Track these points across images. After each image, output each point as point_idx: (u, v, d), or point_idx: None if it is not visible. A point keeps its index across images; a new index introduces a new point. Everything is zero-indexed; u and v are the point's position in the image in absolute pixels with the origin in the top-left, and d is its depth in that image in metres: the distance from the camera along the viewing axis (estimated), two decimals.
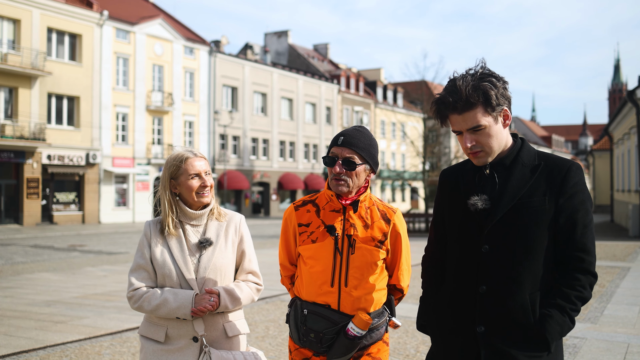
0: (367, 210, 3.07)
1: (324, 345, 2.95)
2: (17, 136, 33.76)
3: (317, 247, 3.02)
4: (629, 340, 7.43)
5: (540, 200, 2.51)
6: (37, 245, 23.08)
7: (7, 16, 34.14)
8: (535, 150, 2.64)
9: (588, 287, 2.50)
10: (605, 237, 25.51)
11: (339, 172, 2.96)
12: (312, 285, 3.02)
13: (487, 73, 2.56)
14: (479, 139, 2.55)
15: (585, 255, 2.49)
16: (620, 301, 10.17)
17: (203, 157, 3.29)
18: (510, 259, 2.51)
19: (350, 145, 2.98)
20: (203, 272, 3.15)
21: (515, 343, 2.46)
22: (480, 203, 2.54)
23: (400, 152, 74.68)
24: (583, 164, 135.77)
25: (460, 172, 2.74)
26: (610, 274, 13.58)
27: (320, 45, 73.08)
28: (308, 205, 3.14)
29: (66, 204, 37.80)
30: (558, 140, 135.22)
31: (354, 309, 2.97)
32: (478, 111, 2.52)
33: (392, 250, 3.10)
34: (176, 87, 44.50)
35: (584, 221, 2.51)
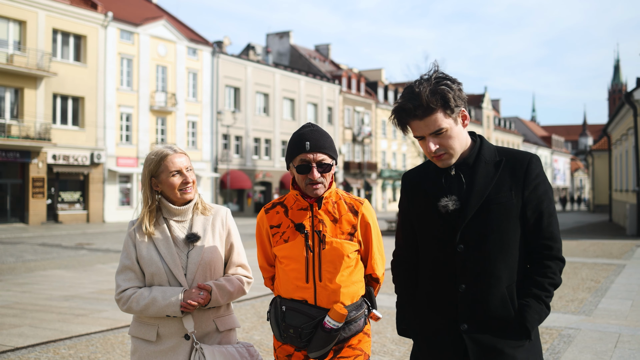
0: (335, 204, 3.11)
1: (304, 340, 3.00)
2: (23, 136, 34.21)
3: (289, 246, 3.07)
4: (620, 330, 7.87)
5: (507, 194, 2.58)
6: (45, 244, 23.51)
7: (13, 17, 34.59)
8: (494, 146, 2.73)
9: (558, 273, 2.61)
10: (603, 236, 25.93)
11: (317, 177, 2.99)
12: (288, 282, 3.09)
13: (442, 76, 2.61)
14: (442, 141, 2.60)
15: (552, 243, 2.60)
16: (614, 296, 10.61)
17: (183, 153, 3.26)
18: (486, 256, 2.57)
19: (319, 148, 3.01)
20: (192, 267, 3.14)
21: (498, 335, 2.54)
22: (451, 204, 2.59)
23: (400, 152, 75.09)
24: (582, 164, 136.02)
25: (424, 175, 2.79)
26: (606, 270, 14.02)
27: (322, 45, 73.53)
28: (277, 207, 3.19)
29: (71, 203, 38.24)
30: (558, 140, 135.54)
31: (330, 302, 3.02)
32: (439, 115, 2.56)
33: (364, 241, 3.14)
34: (179, 87, 44.94)
35: (549, 210, 2.61)
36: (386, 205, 72.01)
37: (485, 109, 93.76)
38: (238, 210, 51.12)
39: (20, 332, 7.93)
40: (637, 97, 26.08)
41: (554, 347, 7.03)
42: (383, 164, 71.59)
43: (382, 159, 71.41)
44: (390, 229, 31.24)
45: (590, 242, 22.80)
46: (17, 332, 7.88)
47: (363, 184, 66.04)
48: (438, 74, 2.62)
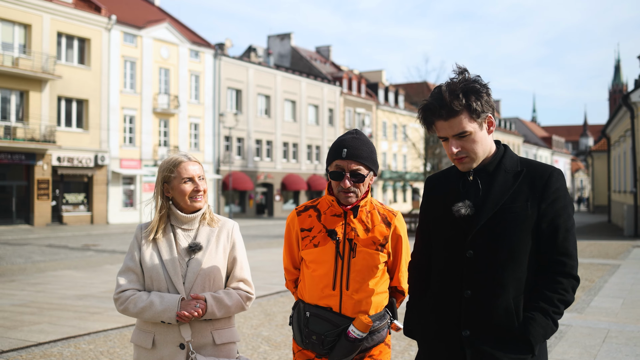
0: (368, 214, 3.11)
1: (326, 347, 2.99)
2: (28, 138, 34.63)
3: (319, 251, 3.06)
4: (610, 327, 8.30)
5: (522, 205, 2.56)
6: (52, 245, 23.94)
7: (19, 21, 35.02)
8: (518, 156, 2.70)
9: (570, 291, 2.55)
10: (601, 237, 26.34)
11: (349, 187, 2.99)
12: (314, 288, 3.08)
13: (472, 80, 2.61)
14: (464, 144, 2.60)
15: (567, 260, 2.55)
16: (606, 294, 11.03)
17: (197, 161, 3.30)
18: (495, 264, 2.55)
19: (356, 157, 2.99)
20: (191, 276, 3.15)
21: (500, 346, 2.51)
22: (464, 209, 2.59)
23: (401, 154, 75.49)
24: (583, 165, 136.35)
25: (445, 179, 2.80)
26: (601, 270, 14.43)
27: (323, 47, 73.96)
28: (310, 210, 3.18)
29: (75, 204, 38.67)
30: (558, 140, 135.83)
31: (355, 311, 3.01)
32: (463, 117, 2.56)
33: (393, 253, 3.15)
34: (182, 89, 45.38)
35: (566, 226, 2.56)
36: None
37: None
38: (240, 212, 51.54)
39: (40, 328, 8.35)
40: (635, 99, 26.51)
41: None
42: (384, 166, 72.00)
43: (382, 161, 71.84)
44: None
45: (587, 242, 23.21)
46: (37, 329, 8.30)
47: None
48: (470, 77, 2.62)
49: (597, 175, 56.67)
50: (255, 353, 6.98)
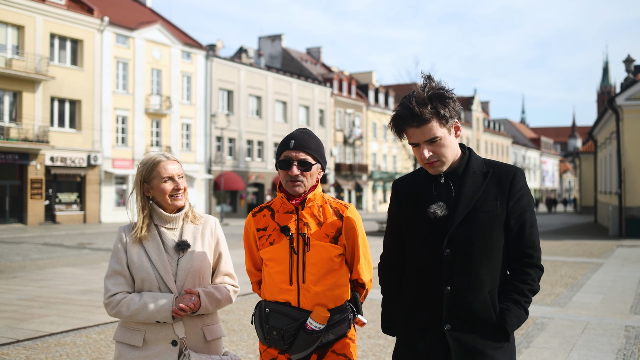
0: (320, 208, 3.17)
1: (286, 342, 3.04)
2: (22, 138, 34.92)
3: (274, 249, 3.12)
4: (589, 319, 8.81)
5: (492, 204, 2.74)
6: (47, 244, 24.27)
7: (12, 22, 35.29)
8: (482, 158, 2.88)
9: (537, 280, 2.76)
10: (586, 237, 26.93)
11: (296, 174, 3.06)
12: (272, 285, 3.13)
13: (438, 87, 2.75)
14: (435, 149, 2.74)
15: (533, 252, 2.76)
16: (587, 290, 11.55)
17: (176, 160, 3.33)
18: (471, 261, 2.71)
19: (303, 147, 3.09)
20: (182, 275, 3.17)
21: (480, 336, 2.68)
22: (440, 210, 2.74)
23: (391, 154, 76.08)
24: (571, 166, 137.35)
25: (414, 182, 2.92)
26: (584, 268, 14.97)
27: (313, 48, 74.44)
28: (264, 210, 3.26)
29: (68, 204, 38.96)
30: (547, 142, 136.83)
31: (313, 305, 3.06)
32: (433, 124, 2.70)
33: (349, 245, 3.18)
34: (174, 90, 45.73)
35: (531, 221, 2.77)
36: (377, 206, 72.96)
37: (475, 111, 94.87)
38: (231, 212, 51.94)
39: (50, 320, 8.78)
40: (620, 102, 27.09)
41: (528, 333, 7.95)
42: (374, 166, 72.55)
43: (372, 161, 72.39)
44: (381, 229, 32.06)
45: (573, 242, 23.78)
46: (48, 321, 8.73)
47: (354, 185, 66.99)
48: (436, 85, 2.77)
49: (584, 177, 57.34)
50: (248, 346, 7.39)
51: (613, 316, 9.12)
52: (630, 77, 29.22)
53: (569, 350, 7.11)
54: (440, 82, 2.80)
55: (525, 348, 7.17)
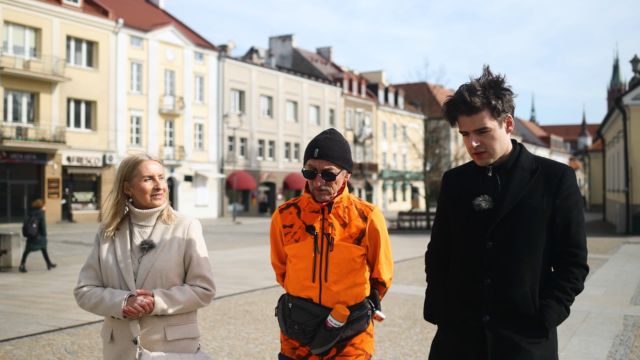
0: (345, 209, 3.22)
1: (307, 336, 3.12)
2: (39, 139, 35.65)
3: (299, 246, 3.19)
4: (590, 309, 9.38)
5: (539, 200, 2.73)
6: (67, 241, 24.97)
7: (30, 25, 36.04)
8: (533, 155, 2.88)
9: (581, 279, 2.76)
10: (594, 234, 27.41)
11: (319, 185, 3.12)
12: (296, 281, 3.21)
13: (497, 81, 2.78)
14: (483, 140, 2.77)
15: (578, 251, 2.75)
16: (592, 284, 12.09)
17: (158, 161, 3.35)
18: (513, 255, 2.72)
19: (327, 157, 3.10)
20: (142, 274, 3.17)
21: (517, 330, 2.69)
22: (485, 203, 2.76)
23: (401, 153, 76.58)
24: (581, 164, 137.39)
25: (464, 174, 2.95)
26: (590, 263, 15.43)
27: (323, 48, 75.03)
28: (291, 207, 3.31)
29: (84, 203, 39.71)
30: (557, 140, 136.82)
31: (334, 302, 3.13)
32: (485, 115, 2.73)
33: (371, 245, 3.24)
34: (187, 91, 46.42)
35: (578, 220, 2.75)
36: (387, 205, 73.50)
37: None
38: (243, 210, 52.61)
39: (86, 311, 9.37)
40: (627, 101, 27.57)
41: None
42: (384, 165, 73.07)
43: (382, 160, 72.93)
44: (392, 227, 32.63)
45: None
46: (84, 311, 9.34)
47: (364, 184, 67.55)
48: (495, 78, 2.79)
49: (593, 175, 57.70)
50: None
51: (614, 307, 9.68)
52: (637, 77, 29.66)
53: (570, 337, 7.67)
54: (500, 75, 2.81)
55: None
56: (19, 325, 8.39)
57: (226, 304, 10.16)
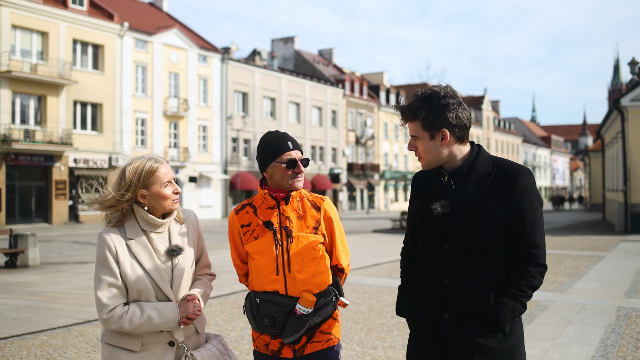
0: (299, 202, 3.37)
1: (278, 328, 3.22)
2: (47, 141, 36.25)
3: (259, 243, 3.29)
4: (586, 302, 9.93)
5: (492, 204, 2.82)
6: (77, 242, 25.50)
7: (37, 29, 36.65)
8: (491, 156, 2.95)
9: (538, 276, 2.83)
10: (593, 233, 27.95)
11: (300, 172, 3.30)
12: (260, 276, 3.30)
13: (443, 95, 2.86)
14: (417, 146, 2.95)
15: (534, 250, 2.82)
16: (588, 279, 12.64)
17: (167, 162, 3.30)
18: (469, 256, 2.83)
19: (299, 147, 3.35)
20: (178, 280, 3.14)
21: (474, 327, 2.81)
22: (441, 208, 2.86)
23: (402, 154, 77.14)
24: (582, 164, 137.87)
25: (428, 177, 3.04)
26: (587, 260, 16.04)
27: (325, 50, 75.64)
28: (246, 207, 3.41)
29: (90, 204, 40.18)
30: (557, 140, 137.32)
31: (300, 291, 3.25)
32: (417, 124, 2.89)
33: (328, 234, 3.39)
34: (191, 93, 47.02)
35: (532, 220, 2.82)
36: (389, 205, 74.05)
37: (485, 110, 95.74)
38: None
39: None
40: (625, 103, 28.08)
41: (531, 313, 9.06)
42: (385, 165, 73.63)
43: (384, 161, 73.48)
44: (395, 227, 33.13)
45: (579, 237, 24.83)
46: None
47: (366, 184, 68.11)
48: (445, 93, 2.88)
49: (593, 175, 58.06)
50: None
51: (608, 299, 10.22)
52: (634, 79, 30.18)
53: (566, 326, 8.22)
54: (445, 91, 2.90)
55: (527, 324, 8.27)
56: (49, 318, 8.95)
57: (241, 298, 10.69)
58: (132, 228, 3.13)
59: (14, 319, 8.96)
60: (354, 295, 10.98)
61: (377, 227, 34.98)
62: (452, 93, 2.87)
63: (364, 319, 8.84)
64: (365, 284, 12.30)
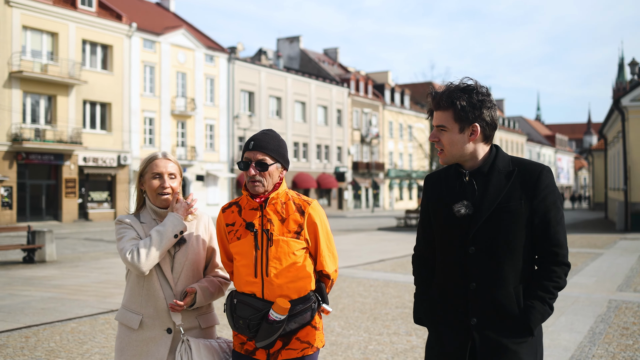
0: (283, 205, 3.27)
1: (252, 331, 3.16)
2: (57, 140, 36.90)
3: (241, 243, 3.24)
4: (579, 295, 10.49)
5: (516, 203, 2.76)
6: (89, 239, 26.13)
7: (47, 30, 37.28)
8: (509, 156, 2.90)
9: (563, 276, 2.81)
10: (594, 231, 28.48)
11: (253, 175, 3.17)
12: (240, 277, 3.27)
13: (481, 91, 2.83)
14: (440, 137, 2.86)
15: (559, 249, 2.78)
16: (584, 274, 13.20)
17: (173, 160, 3.42)
18: (495, 258, 2.77)
19: (261, 148, 3.18)
20: (178, 267, 3.31)
21: (503, 331, 2.75)
22: (464, 209, 2.79)
23: (407, 153, 77.66)
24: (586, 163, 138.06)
25: (444, 178, 2.98)
26: (585, 257, 16.60)
27: (330, 49, 76.23)
28: (233, 206, 3.36)
29: (99, 202, 40.94)
30: (562, 139, 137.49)
31: (276, 296, 3.17)
32: (448, 115, 2.82)
33: (311, 239, 3.29)
34: (198, 92, 47.64)
35: (556, 219, 2.78)
36: (393, 203, 74.58)
37: None
38: None
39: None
40: (625, 103, 28.57)
41: None
42: (390, 164, 74.18)
43: (389, 160, 74.02)
44: (399, 225, 33.68)
45: (580, 235, 25.35)
46: None
47: (371, 183, 68.68)
48: (479, 88, 2.84)
49: (596, 174, 58.38)
50: None
51: (601, 293, 10.78)
52: (635, 80, 30.67)
53: (559, 316, 8.79)
54: (483, 87, 2.88)
55: None
56: (75, 308, 9.55)
57: None
58: (145, 215, 3.41)
59: (42, 308, 9.56)
60: (360, 288, 11.56)
61: (382, 225, 35.56)
62: (488, 91, 2.87)
63: (370, 309, 9.42)
64: (371, 278, 12.88)
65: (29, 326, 8.30)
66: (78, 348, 7.21)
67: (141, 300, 3.28)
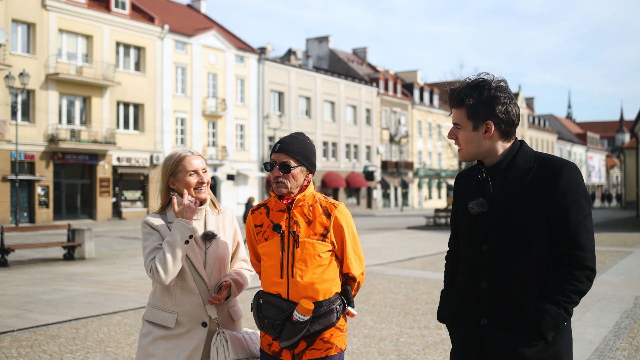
0: (310, 207, 3.30)
1: (277, 331, 3.20)
2: (91, 140, 37.69)
3: (268, 244, 3.29)
4: (607, 292, 10.71)
5: (533, 201, 2.64)
6: (124, 237, 26.77)
7: (82, 33, 38.10)
8: (533, 152, 2.78)
9: (584, 280, 2.61)
10: (625, 230, 28.46)
11: (276, 176, 3.22)
12: (266, 277, 3.31)
13: (495, 87, 2.73)
14: (457, 135, 2.82)
15: (579, 252, 2.61)
16: (612, 272, 13.37)
17: (200, 155, 3.48)
18: (508, 258, 2.67)
19: (286, 150, 3.22)
20: (210, 262, 3.39)
21: (514, 334, 2.64)
22: (477, 207, 2.72)
23: (436, 152, 77.64)
24: (618, 162, 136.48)
25: (468, 176, 2.93)
26: (614, 255, 16.73)
27: (359, 49, 76.48)
28: (261, 208, 3.41)
29: (133, 201, 41.70)
30: (593, 137, 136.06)
31: (301, 297, 3.20)
32: (462, 112, 2.75)
33: (337, 242, 3.30)
34: (228, 93, 48.24)
35: (577, 219, 2.61)
36: (422, 203, 74.63)
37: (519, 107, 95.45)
38: None
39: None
40: None
41: None
42: (419, 163, 74.24)
43: (418, 159, 74.09)
44: (429, 224, 33.87)
45: (609, 234, 25.38)
46: None
47: (400, 182, 68.84)
48: (497, 84, 2.74)
49: (628, 172, 57.97)
50: None
51: (628, 290, 10.98)
52: None
53: (585, 312, 9.03)
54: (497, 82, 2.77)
55: None
56: (118, 303, 10.00)
57: None
58: (172, 214, 3.42)
59: (87, 302, 10.04)
60: (391, 285, 11.88)
61: (411, 224, 35.77)
62: (504, 86, 2.76)
63: (401, 305, 9.75)
64: (401, 275, 13.19)
65: (77, 318, 8.77)
66: (126, 339, 7.64)
67: (175, 298, 3.34)
